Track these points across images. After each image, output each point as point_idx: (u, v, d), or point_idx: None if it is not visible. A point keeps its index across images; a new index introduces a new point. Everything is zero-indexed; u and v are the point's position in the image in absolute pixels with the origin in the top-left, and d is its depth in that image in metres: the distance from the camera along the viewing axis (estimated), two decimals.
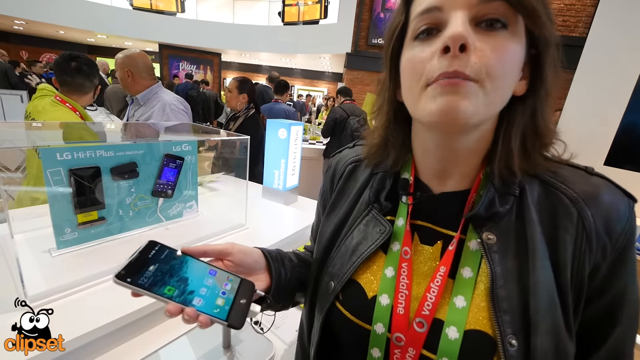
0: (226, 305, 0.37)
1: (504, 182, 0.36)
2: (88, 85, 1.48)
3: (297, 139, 1.39)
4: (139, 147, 0.88)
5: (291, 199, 1.45)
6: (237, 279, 0.41)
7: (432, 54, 0.33)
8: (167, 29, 9.11)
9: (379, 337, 0.38)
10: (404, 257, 0.40)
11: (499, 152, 0.36)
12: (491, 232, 0.36)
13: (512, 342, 0.32)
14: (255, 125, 2.35)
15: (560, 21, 5.56)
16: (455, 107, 0.32)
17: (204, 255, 0.41)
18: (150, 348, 0.66)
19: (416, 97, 0.35)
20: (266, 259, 0.47)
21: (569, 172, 0.37)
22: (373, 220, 0.43)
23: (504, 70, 0.32)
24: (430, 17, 0.33)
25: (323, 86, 13.65)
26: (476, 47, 0.31)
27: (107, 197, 0.84)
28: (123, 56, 1.74)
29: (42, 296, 0.65)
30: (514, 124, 0.36)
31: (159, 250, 0.39)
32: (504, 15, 0.31)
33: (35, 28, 9.27)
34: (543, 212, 0.36)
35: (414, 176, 0.43)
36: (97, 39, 10.66)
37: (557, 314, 0.33)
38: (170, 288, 0.36)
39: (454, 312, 0.35)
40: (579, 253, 0.33)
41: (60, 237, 0.78)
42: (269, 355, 0.68)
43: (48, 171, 0.72)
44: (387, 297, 0.39)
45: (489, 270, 0.34)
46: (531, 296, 0.32)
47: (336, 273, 0.44)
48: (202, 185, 1.51)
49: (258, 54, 10.76)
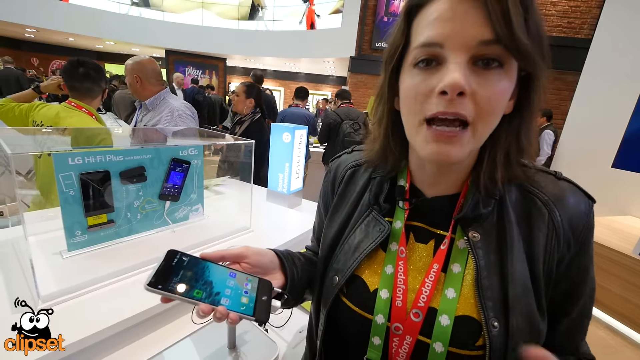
0: (250, 303, 0.41)
1: (487, 189, 0.41)
2: (96, 89, 1.52)
3: (301, 143, 1.40)
4: (146, 151, 0.91)
5: (295, 202, 1.46)
6: (256, 279, 0.44)
7: (430, 89, 0.36)
8: (173, 34, 9.26)
9: (379, 327, 0.43)
10: (400, 256, 0.45)
11: (485, 166, 0.41)
12: (476, 231, 0.41)
13: (494, 324, 0.37)
14: (260, 129, 2.38)
15: (565, 23, 5.53)
16: (446, 154, 0.36)
17: (222, 259, 0.44)
18: (156, 349, 0.67)
19: (414, 128, 0.39)
20: (279, 258, 0.50)
21: (541, 178, 0.43)
22: (373, 221, 0.48)
23: (496, 111, 0.36)
24: (431, 51, 0.36)
25: (327, 90, 13.70)
26: (472, 91, 0.34)
27: (116, 201, 0.86)
28: (132, 62, 1.78)
29: (53, 296, 0.67)
30: (499, 142, 0.40)
31: (180, 258, 0.42)
32: (500, 56, 0.34)
33: (46, 36, 9.49)
34: (520, 213, 0.41)
35: (409, 182, 0.48)
36: (106, 46, 10.87)
37: (531, 298, 0.39)
38: (198, 291, 0.39)
39: (446, 302, 0.40)
40: (550, 247, 0.40)
41: (71, 239, 0.81)
42: (273, 355, 0.69)
43: (60, 175, 0.74)
44: (387, 291, 0.43)
45: (474, 264, 0.40)
46: (509, 284, 0.38)
47: (340, 268, 0.48)
48: (207, 188, 1.53)
49: (262, 58, 10.86)
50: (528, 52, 0.33)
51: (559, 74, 5.36)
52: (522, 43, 0.32)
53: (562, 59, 4.96)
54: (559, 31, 5.51)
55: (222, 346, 0.69)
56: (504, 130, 0.39)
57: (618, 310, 1.96)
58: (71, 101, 1.45)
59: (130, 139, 1.34)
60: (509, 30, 0.32)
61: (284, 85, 13.67)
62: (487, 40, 0.33)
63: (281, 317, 0.84)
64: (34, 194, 1.25)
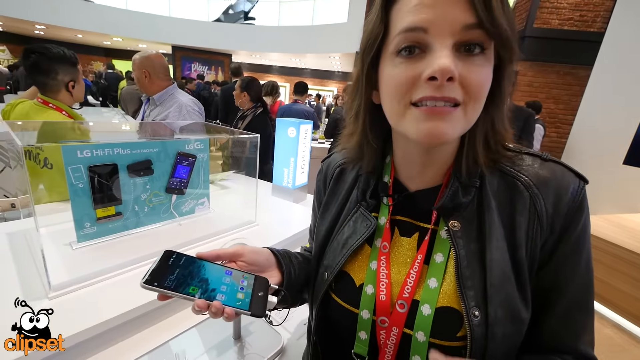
0: (246, 298, 0.42)
1: (468, 175, 0.41)
2: (52, 83, 1.27)
3: (306, 138, 1.40)
4: (153, 145, 0.92)
5: (300, 196, 1.46)
6: (252, 276, 0.45)
7: (416, 76, 0.35)
8: (180, 31, 9.30)
9: (365, 321, 0.44)
10: (382, 251, 0.45)
11: (466, 152, 0.41)
12: (456, 220, 0.41)
13: (475, 314, 0.37)
14: (263, 123, 2.38)
15: (578, 16, 5.39)
16: (439, 131, 0.35)
17: (217, 258, 0.45)
18: (163, 338, 0.69)
19: (399, 113, 0.38)
20: (275, 256, 0.51)
21: (527, 160, 0.42)
22: (361, 217, 0.48)
23: (482, 93, 0.36)
24: (414, 36, 0.35)
25: (333, 86, 13.63)
26: (460, 76, 0.34)
27: (124, 194, 0.88)
28: (140, 57, 1.78)
29: (64, 286, 0.69)
30: (477, 129, 0.40)
31: (176, 257, 0.43)
32: (482, 41, 0.34)
33: (55, 32, 9.61)
34: (501, 199, 0.41)
35: (393, 178, 0.48)
36: (113, 42, 10.97)
37: (511, 287, 0.38)
38: (194, 288, 0.40)
39: (428, 292, 0.40)
40: (532, 233, 0.39)
41: (81, 231, 0.82)
42: (277, 347, 0.70)
43: (69, 168, 0.76)
44: (372, 287, 0.44)
45: (454, 253, 0.40)
46: (487, 273, 0.38)
47: (329, 265, 0.49)
48: (213, 183, 1.54)
49: (268, 54, 10.84)
50: (508, 37, 0.34)
51: (570, 68, 5.23)
52: (503, 28, 0.33)
53: (574, 53, 4.85)
54: (571, 24, 5.37)
55: (227, 337, 0.71)
56: (481, 118, 0.39)
57: (626, 308, 1.93)
58: (39, 97, 1.29)
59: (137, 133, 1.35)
60: (490, 14, 0.32)
61: (289, 81, 13.64)
62: (471, 24, 0.33)
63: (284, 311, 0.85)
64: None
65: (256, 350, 0.69)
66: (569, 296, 0.40)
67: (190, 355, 0.65)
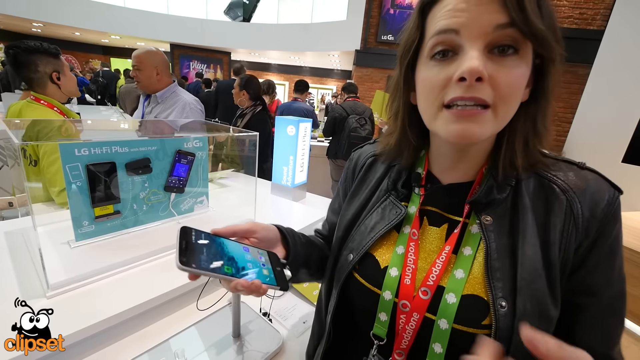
0: (270, 274, 0.43)
1: (505, 175, 0.42)
2: (34, 76, 1.26)
3: (305, 136, 1.40)
4: (152, 143, 0.91)
5: (300, 195, 1.46)
6: (265, 252, 0.47)
7: (447, 78, 0.37)
8: (178, 29, 9.25)
9: (387, 303, 0.44)
10: (412, 238, 0.46)
11: (504, 152, 0.41)
12: (489, 215, 0.41)
13: (502, 304, 0.37)
14: (262, 122, 2.37)
15: (577, 14, 5.38)
16: (469, 133, 0.37)
17: (233, 235, 0.46)
18: (162, 337, 0.69)
19: (432, 115, 0.40)
20: (281, 233, 0.53)
21: (563, 167, 0.42)
22: (390, 204, 0.50)
23: (514, 94, 0.36)
24: (446, 38, 0.36)
25: (332, 84, 13.59)
26: (490, 76, 0.34)
27: (122, 192, 0.87)
28: (149, 53, 1.73)
29: (62, 284, 0.68)
30: (517, 128, 0.40)
31: (196, 235, 0.41)
32: (516, 41, 0.35)
33: (52, 30, 9.56)
34: (536, 200, 0.41)
35: (426, 170, 0.49)
36: (111, 40, 10.91)
37: (542, 283, 0.38)
38: (228, 267, 0.39)
39: (454, 282, 0.41)
40: (567, 233, 0.39)
41: (79, 229, 0.82)
42: (277, 345, 0.69)
43: (67, 166, 0.75)
44: (396, 269, 0.45)
45: (485, 246, 0.40)
46: (518, 267, 0.38)
47: (355, 247, 0.50)
48: (212, 181, 1.54)
49: (267, 52, 10.80)
50: (543, 35, 0.34)
51: (569, 66, 5.23)
52: (536, 26, 0.33)
53: (573, 51, 4.83)
54: (571, 22, 5.37)
55: (226, 335, 0.70)
56: (522, 117, 0.40)
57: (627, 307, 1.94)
58: (31, 94, 1.29)
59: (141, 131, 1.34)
60: (523, 14, 0.33)
61: (288, 79, 13.61)
62: (503, 24, 0.33)
63: (288, 308, 0.85)
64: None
65: (256, 348, 0.68)
66: (603, 301, 0.40)
67: (190, 353, 0.65)
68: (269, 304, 0.81)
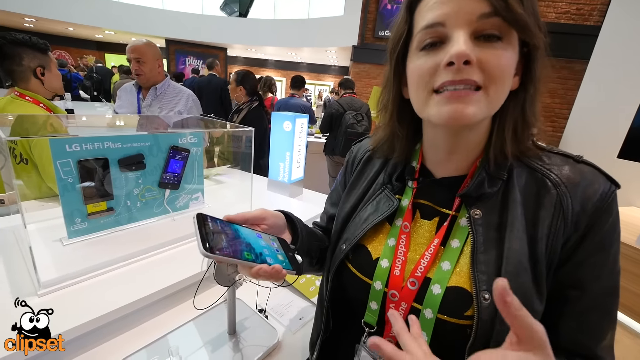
0: (285, 259, 0.44)
1: (497, 167, 0.42)
2: (18, 69, 1.21)
3: (302, 132, 1.39)
4: (145, 138, 0.90)
5: (296, 191, 1.45)
6: (275, 238, 0.47)
7: (436, 64, 0.38)
8: (174, 24, 9.13)
9: (377, 292, 0.46)
10: (403, 230, 0.48)
11: (494, 139, 0.42)
12: (478, 209, 0.42)
13: (485, 297, 0.38)
14: (258, 117, 2.35)
15: (574, 9, 5.38)
16: (462, 113, 0.37)
17: (245, 222, 0.46)
18: (157, 334, 0.68)
19: (423, 101, 0.41)
20: (288, 219, 0.54)
21: (558, 160, 0.42)
22: (385, 197, 0.51)
23: (503, 76, 0.37)
24: (434, 31, 0.38)
25: (329, 80, 13.52)
26: (478, 59, 0.36)
27: (116, 188, 0.86)
28: (150, 45, 1.73)
29: (54, 282, 0.67)
30: (506, 116, 0.41)
31: (212, 221, 0.41)
32: (500, 29, 0.36)
33: (45, 25, 9.39)
34: (527, 194, 0.41)
35: (420, 163, 0.50)
36: (105, 35, 10.76)
37: (527, 277, 0.38)
38: (247, 253, 0.39)
39: (440, 273, 0.42)
40: (554, 228, 0.39)
41: (71, 226, 0.81)
42: (273, 341, 0.69)
43: (58, 162, 0.74)
44: (387, 261, 0.47)
45: (472, 239, 0.41)
46: (504, 260, 0.38)
47: (349, 237, 0.52)
48: (208, 178, 1.52)
49: (264, 48, 10.70)
50: (525, 21, 0.35)
51: (566, 62, 5.23)
52: (518, 13, 0.35)
53: (570, 47, 4.84)
54: (568, 18, 5.36)
55: (222, 332, 0.70)
56: (511, 104, 0.40)
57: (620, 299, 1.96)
58: (15, 89, 1.24)
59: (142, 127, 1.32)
60: (505, 2, 0.34)
61: (285, 75, 13.52)
62: (486, 13, 0.35)
63: (283, 305, 0.84)
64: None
65: (252, 344, 0.68)
66: (589, 296, 0.39)
67: (186, 350, 0.65)
68: (264, 300, 0.80)
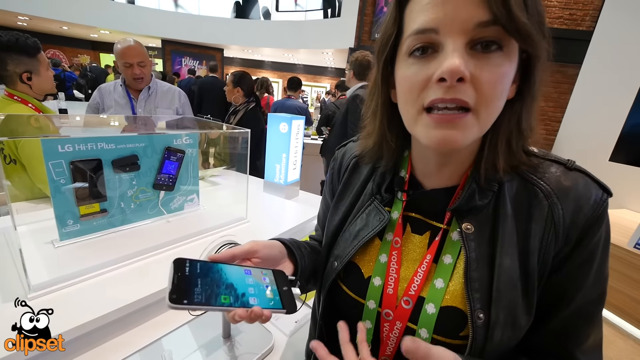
0: (276, 296, 0.41)
1: (487, 179, 0.40)
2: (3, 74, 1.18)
3: (298, 133, 1.39)
4: (139, 139, 0.89)
5: (292, 193, 1.45)
6: (269, 271, 0.44)
7: (427, 78, 0.34)
8: (169, 24, 9.09)
9: (371, 311, 0.45)
10: (394, 246, 0.46)
11: (486, 153, 0.39)
12: (470, 223, 0.40)
13: (480, 316, 0.37)
14: (255, 119, 2.35)
15: (567, 14, 5.46)
16: (450, 139, 0.34)
17: (232, 259, 0.43)
18: (150, 338, 0.67)
19: (412, 119, 0.38)
20: (286, 247, 0.51)
21: (549, 167, 0.40)
22: (374, 210, 0.48)
23: (498, 96, 0.34)
24: (426, 37, 0.34)
25: (326, 82, 13.55)
26: (472, 76, 0.32)
27: (109, 190, 0.85)
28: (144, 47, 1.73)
29: (45, 285, 0.66)
30: (501, 128, 0.38)
31: (191, 266, 0.38)
32: (499, 38, 0.32)
33: (39, 24, 9.28)
34: (518, 206, 0.40)
35: (409, 173, 0.47)
36: (100, 35, 10.66)
37: (517, 294, 0.38)
38: (225, 297, 0.37)
39: (434, 292, 0.40)
40: (546, 242, 0.38)
41: (63, 228, 0.79)
42: (267, 345, 0.69)
43: (50, 163, 0.73)
44: (379, 279, 0.45)
45: (464, 256, 0.39)
46: (495, 277, 0.38)
47: (339, 254, 0.49)
48: (203, 179, 1.51)
49: (260, 49, 10.70)
50: (528, 31, 0.31)
51: (559, 66, 5.31)
52: (521, 22, 0.30)
53: (563, 51, 4.91)
54: (560, 23, 5.44)
55: (216, 335, 0.69)
56: (506, 115, 0.37)
57: (611, 301, 1.99)
58: (5, 90, 1.23)
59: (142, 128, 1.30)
60: (506, 9, 0.30)
61: (282, 77, 13.52)
62: (485, 21, 0.31)
63: None
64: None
65: (246, 348, 0.67)
66: (576, 304, 0.39)
67: (180, 353, 0.64)
68: None
